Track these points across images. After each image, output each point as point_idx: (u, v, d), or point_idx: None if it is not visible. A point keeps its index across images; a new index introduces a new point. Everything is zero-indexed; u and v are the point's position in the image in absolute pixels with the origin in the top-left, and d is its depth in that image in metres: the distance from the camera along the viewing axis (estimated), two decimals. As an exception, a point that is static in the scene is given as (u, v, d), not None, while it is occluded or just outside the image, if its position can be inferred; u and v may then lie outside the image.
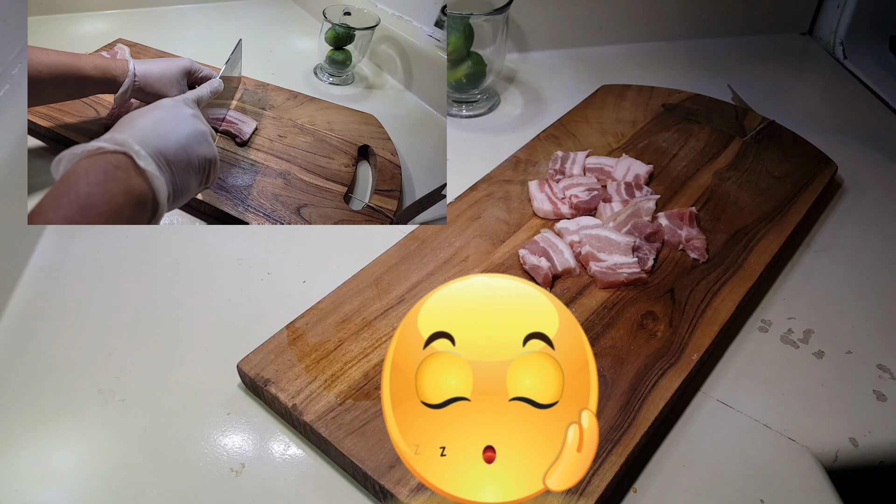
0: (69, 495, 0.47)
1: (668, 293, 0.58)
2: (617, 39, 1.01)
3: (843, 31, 0.99)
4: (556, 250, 0.60)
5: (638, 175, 0.70)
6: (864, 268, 0.65)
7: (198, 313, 0.60)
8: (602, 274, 0.58)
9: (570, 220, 0.64)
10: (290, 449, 0.50)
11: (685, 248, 0.62)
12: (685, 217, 0.63)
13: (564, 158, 0.72)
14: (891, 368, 0.56)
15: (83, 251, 0.65)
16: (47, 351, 0.56)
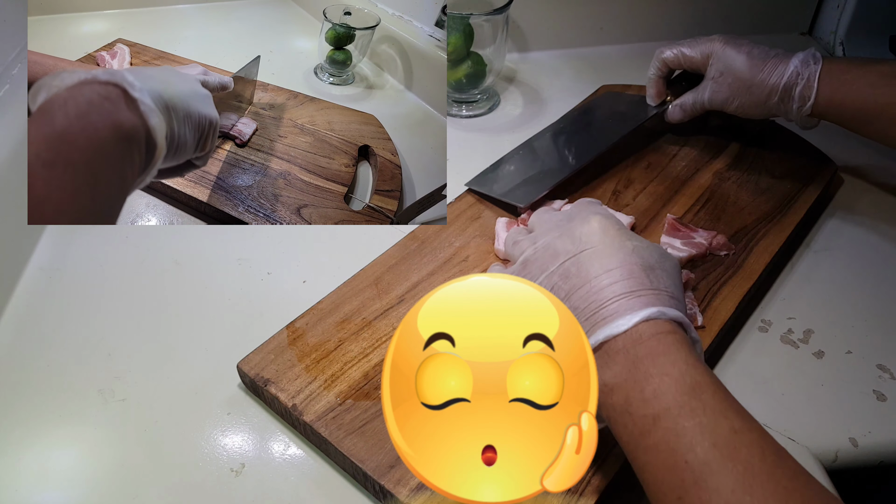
0: (69, 495, 0.47)
1: (668, 293, 0.58)
2: (617, 39, 1.01)
3: (843, 31, 0.99)
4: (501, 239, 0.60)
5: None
6: (864, 268, 0.65)
7: (198, 313, 0.60)
8: None
9: None
10: (290, 449, 0.50)
11: (713, 252, 0.61)
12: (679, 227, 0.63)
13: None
14: (891, 368, 0.56)
15: (83, 251, 0.65)
16: (47, 351, 0.56)
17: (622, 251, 0.43)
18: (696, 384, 0.37)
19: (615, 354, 0.40)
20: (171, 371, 0.55)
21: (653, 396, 0.37)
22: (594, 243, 0.43)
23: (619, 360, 0.39)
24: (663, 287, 0.42)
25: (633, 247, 0.43)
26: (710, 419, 0.36)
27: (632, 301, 0.40)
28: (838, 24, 1.00)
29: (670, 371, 0.38)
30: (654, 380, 0.37)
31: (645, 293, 0.41)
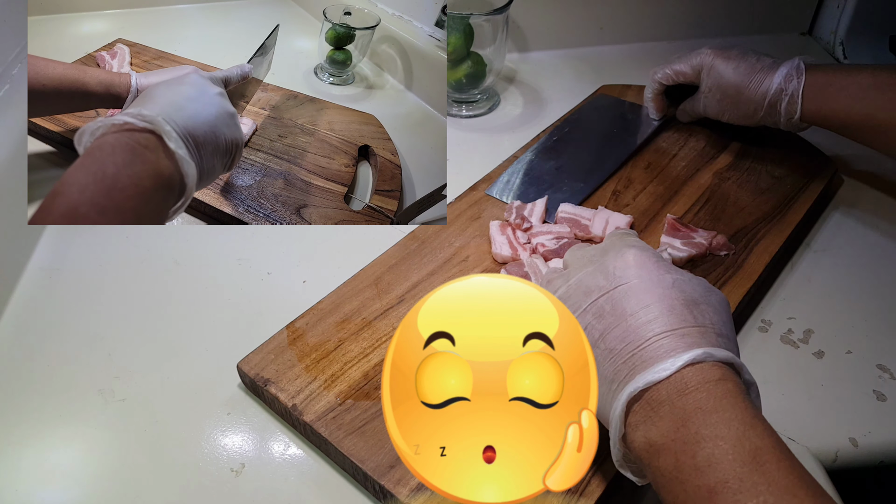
0: (69, 495, 0.47)
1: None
2: (617, 39, 1.01)
3: (843, 31, 0.99)
4: (540, 277, 0.57)
5: (618, 228, 0.62)
6: (864, 268, 0.65)
7: (198, 313, 0.60)
8: None
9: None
10: (290, 449, 0.50)
11: (713, 252, 0.61)
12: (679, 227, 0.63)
13: (521, 208, 0.65)
14: (891, 368, 0.56)
15: (83, 251, 0.65)
16: (47, 351, 0.56)
17: (661, 285, 0.39)
18: (756, 451, 0.33)
19: (659, 407, 0.36)
20: (171, 371, 0.55)
21: (706, 465, 0.33)
22: (629, 278, 0.40)
23: (665, 414, 0.35)
24: (709, 323, 0.38)
25: (674, 280, 0.40)
26: (775, 498, 0.31)
27: (674, 341, 0.37)
28: (838, 24, 1.00)
29: (725, 434, 0.33)
30: (707, 444, 0.33)
31: (689, 331, 0.37)
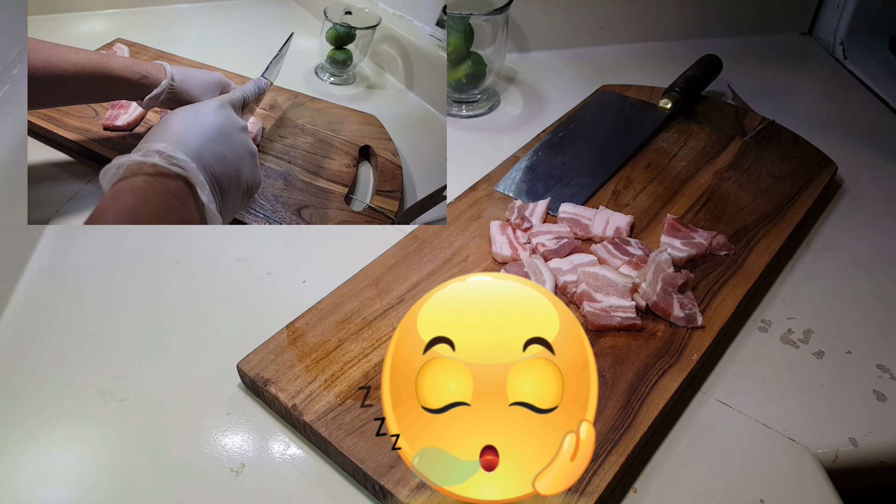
0: (69, 495, 0.47)
1: (668, 293, 0.58)
2: (617, 39, 1.01)
3: (843, 31, 0.99)
4: (539, 277, 0.57)
5: (619, 228, 0.63)
6: (864, 268, 0.65)
7: (198, 313, 0.60)
8: (594, 315, 0.54)
9: (564, 258, 0.60)
10: (290, 449, 0.50)
11: (713, 252, 0.61)
12: (679, 227, 0.63)
13: (522, 208, 0.65)
14: (891, 368, 0.56)
15: (83, 251, 0.65)
16: (47, 351, 0.56)
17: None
18: None
19: None
20: (171, 371, 0.55)
21: None
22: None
23: None
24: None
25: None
26: None
27: None
28: (838, 24, 1.00)
29: None
30: None
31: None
